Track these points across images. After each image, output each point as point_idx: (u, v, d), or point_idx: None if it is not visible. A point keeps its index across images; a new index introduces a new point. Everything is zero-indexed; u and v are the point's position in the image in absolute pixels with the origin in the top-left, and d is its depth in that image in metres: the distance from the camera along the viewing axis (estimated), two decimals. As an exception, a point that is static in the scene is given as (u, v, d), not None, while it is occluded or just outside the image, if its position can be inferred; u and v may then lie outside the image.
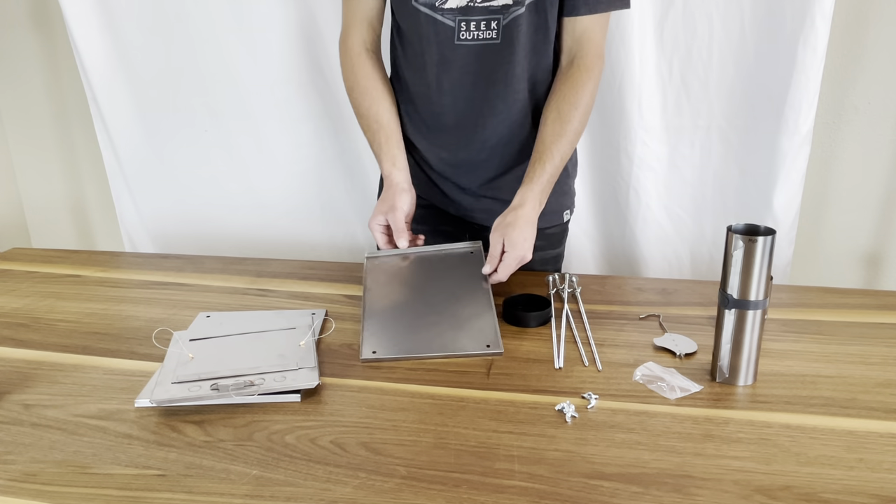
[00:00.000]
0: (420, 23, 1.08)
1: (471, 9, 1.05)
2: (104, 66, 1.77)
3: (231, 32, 1.69)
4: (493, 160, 1.19)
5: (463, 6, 1.05)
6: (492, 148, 1.18)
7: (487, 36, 1.07)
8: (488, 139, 1.17)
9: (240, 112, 1.76)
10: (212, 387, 0.82)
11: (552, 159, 1.07)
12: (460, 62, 1.10)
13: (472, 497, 0.65)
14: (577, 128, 1.09)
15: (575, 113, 1.08)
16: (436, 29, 1.08)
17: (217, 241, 1.90)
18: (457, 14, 1.06)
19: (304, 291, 1.14)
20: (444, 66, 1.11)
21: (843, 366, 0.88)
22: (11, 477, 0.68)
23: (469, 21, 1.06)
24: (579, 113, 1.08)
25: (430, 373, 0.87)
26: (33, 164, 2.18)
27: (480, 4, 1.05)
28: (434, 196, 1.26)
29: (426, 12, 1.07)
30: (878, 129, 1.61)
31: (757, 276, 0.79)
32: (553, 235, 1.27)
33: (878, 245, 1.70)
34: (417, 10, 1.07)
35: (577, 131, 1.09)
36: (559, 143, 1.07)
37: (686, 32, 1.50)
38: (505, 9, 1.05)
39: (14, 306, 1.10)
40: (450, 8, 1.06)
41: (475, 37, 1.07)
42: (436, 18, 1.07)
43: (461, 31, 1.07)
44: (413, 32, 1.12)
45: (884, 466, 0.68)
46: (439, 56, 1.10)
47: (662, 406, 0.79)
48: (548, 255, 1.27)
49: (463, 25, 1.06)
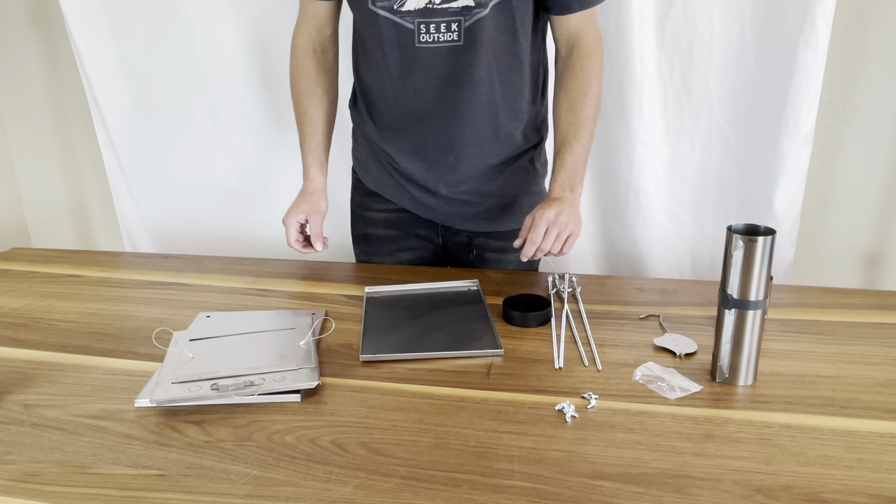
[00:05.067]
0: (379, 26, 1.07)
1: (430, 11, 1.04)
2: (104, 66, 1.77)
3: (231, 32, 1.69)
4: (461, 162, 1.17)
5: (421, 8, 1.04)
6: (459, 150, 1.16)
7: (449, 38, 1.06)
8: (455, 142, 1.15)
9: (240, 112, 1.76)
10: (212, 387, 0.82)
11: (572, 147, 1.09)
12: (422, 65, 1.09)
13: (472, 497, 0.65)
14: (592, 112, 1.11)
15: (585, 100, 1.10)
16: (396, 32, 1.06)
17: (217, 241, 1.91)
18: (416, 16, 1.05)
19: (304, 291, 1.14)
20: (406, 69, 1.10)
21: (843, 366, 0.88)
22: (11, 477, 0.68)
23: (429, 23, 1.05)
24: (590, 99, 1.10)
25: (430, 373, 0.87)
26: (33, 164, 2.18)
27: (440, 6, 1.03)
28: (404, 200, 1.25)
29: (384, 15, 1.05)
30: (879, 129, 1.61)
31: (757, 276, 0.79)
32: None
33: (879, 245, 1.70)
34: (375, 14, 1.06)
35: (592, 116, 1.11)
36: (577, 130, 1.09)
37: (687, 33, 1.50)
38: (466, 10, 1.03)
39: (14, 306, 1.10)
40: (408, 10, 1.04)
41: (436, 39, 1.06)
42: (395, 21, 1.06)
43: (421, 33, 1.06)
44: (372, 36, 1.10)
45: (884, 466, 0.68)
46: (401, 59, 1.09)
47: (662, 406, 0.79)
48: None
49: (423, 28, 1.05)
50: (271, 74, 1.70)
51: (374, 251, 1.30)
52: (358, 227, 1.33)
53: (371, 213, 1.29)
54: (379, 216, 1.28)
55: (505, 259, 1.25)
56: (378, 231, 1.29)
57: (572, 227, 1.05)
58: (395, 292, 1.11)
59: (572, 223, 1.05)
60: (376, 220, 1.29)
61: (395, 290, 1.11)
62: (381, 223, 1.29)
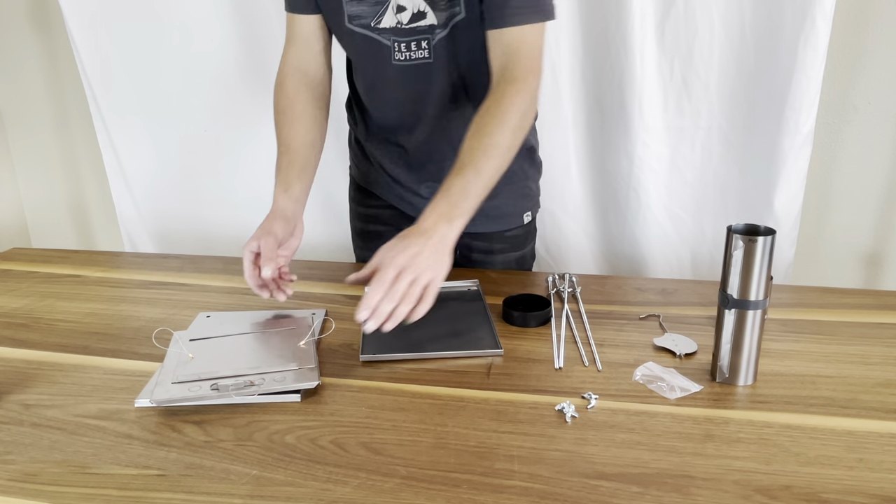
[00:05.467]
0: (357, 43, 1.08)
1: (399, 30, 1.04)
2: (104, 66, 1.77)
3: (231, 32, 1.69)
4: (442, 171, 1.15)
5: (393, 27, 1.04)
6: (439, 161, 1.17)
7: (420, 56, 1.06)
8: (434, 153, 1.17)
9: (239, 112, 1.76)
10: (212, 387, 0.82)
11: (464, 174, 0.93)
12: (398, 81, 1.09)
13: (472, 497, 0.65)
14: (502, 143, 0.95)
15: (498, 128, 0.95)
16: (373, 49, 1.07)
17: (217, 241, 1.91)
18: (391, 34, 1.05)
19: (304, 291, 1.14)
20: (385, 83, 1.11)
21: (843, 366, 0.87)
22: (11, 477, 0.68)
23: (401, 42, 1.05)
24: (505, 129, 0.95)
25: (430, 373, 0.87)
26: (33, 164, 2.18)
27: (408, 26, 1.04)
28: (392, 198, 1.27)
29: (361, 32, 1.06)
30: (879, 129, 1.61)
31: (757, 277, 0.79)
32: (515, 238, 1.26)
33: (879, 245, 1.70)
34: (353, 31, 1.06)
35: (503, 146, 0.96)
36: (477, 158, 0.94)
37: (687, 32, 1.50)
38: (431, 29, 1.04)
39: (14, 306, 1.10)
40: (384, 28, 1.05)
41: (408, 57, 1.06)
42: (372, 38, 1.06)
43: (395, 51, 1.06)
44: (352, 51, 1.12)
45: (884, 466, 0.68)
46: (380, 74, 1.10)
47: (662, 406, 0.79)
48: (510, 256, 1.26)
49: (396, 46, 1.05)
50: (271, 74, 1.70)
51: (368, 246, 1.31)
52: (354, 222, 1.36)
53: (365, 209, 1.32)
54: (372, 212, 1.30)
55: (492, 260, 1.25)
56: (371, 226, 1.31)
57: (431, 273, 0.85)
58: None
59: (433, 268, 0.86)
60: (370, 216, 1.31)
61: None
62: (374, 219, 1.31)
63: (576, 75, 1.61)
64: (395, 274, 0.84)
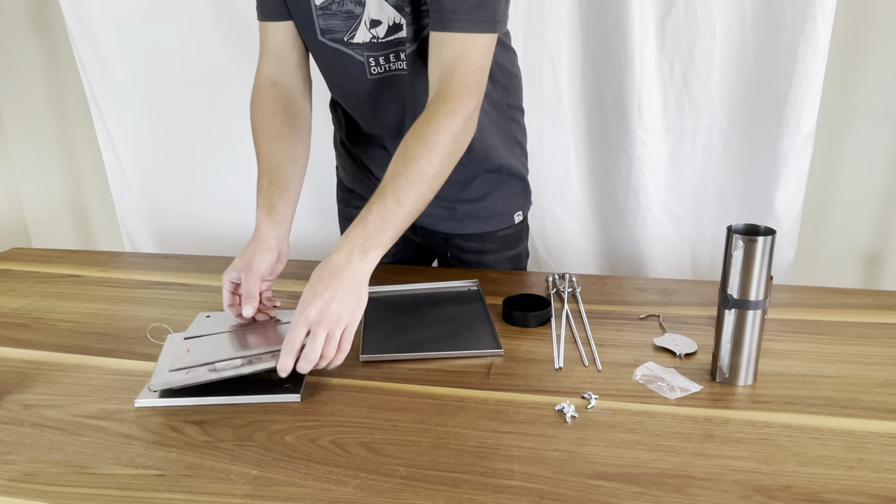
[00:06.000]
0: (330, 57, 1.05)
1: (374, 45, 1.01)
2: (104, 66, 1.77)
3: (231, 32, 1.69)
4: None
5: (367, 42, 1.01)
6: None
7: (398, 67, 1.03)
8: None
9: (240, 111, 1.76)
10: (209, 369, 0.82)
11: (384, 202, 0.87)
12: (378, 95, 1.07)
13: (472, 497, 0.65)
14: (428, 170, 0.89)
15: (425, 153, 0.89)
16: (348, 64, 1.04)
17: (217, 241, 1.91)
18: (364, 49, 1.02)
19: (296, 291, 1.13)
20: (360, 97, 1.08)
21: (843, 366, 0.87)
22: (11, 477, 0.68)
23: (377, 56, 1.02)
24: (433, 155, 0.89)
25: (430, 373, 0.87)
26: (33, 163, 2.18)
27: (382, 40, 1.01)
28: None
29: (335, 47, 1.03)
30: (879, 129, 1.61)
31: (757, 277, 0.79)
32: (507, 237, 1.25)
33: (879, 245, 1.70)
34: (325, 46, 1.03)
35: (428, 174, 0.89)
36: (400, 186, 0.88)
37: (687, 33, 1.50)
38: (406, 41, 1.01)
39: (14, 306, 1.10)
40: (358, 43, 1.01)
41: (386, 69, 1.04)
42: (345, 52, 1.03)
43: (371, 65, 1.03)
44: (326, 66, 1.08)
45: (884, 466, 0.68)
46: (355, 88, 1.07)
47: (662, 406, 0.79)
48: (503, 255, 1.26)
49: (372, 61, 1.03)
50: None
51: None
52: (342, 222, 1.35)
53: (352, 210, 1.30)
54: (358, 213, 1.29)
55: (483, 261, 1.25)
56: None
57: (345, 321, 0.81)
58: (395, 292, 1.11)
59: (346, 315, 0.81)
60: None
61: (395, 290, 1.11)
62: None
63: (576, 75, 1.61)
64: (304, 332, 0.80)
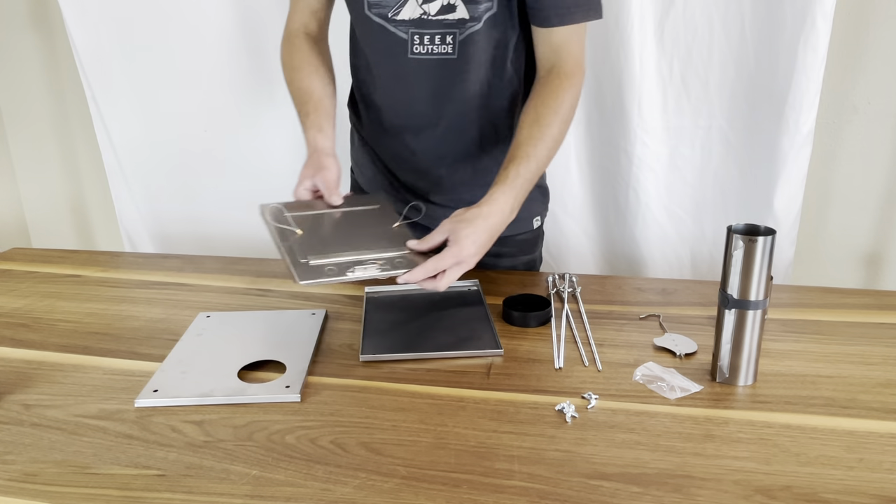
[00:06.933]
0: (373, 32, 1.05)
1: (424, 21, 1.01)
2: (104, 66, 1.77)
3: (231, 32, 1.69)
4: (453, 175, 1.16)
5: (416, 18, 1.01)
6: (448, 164, 1.15)
7: (443, 51, 1.02)
8: (445, 155, 1.14)
9: (239, 111, 1.76)
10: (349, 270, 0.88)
11: (527, 161, 0.97)
12: (414, 77, 1.06)
13: (472, 497, 0.65)
14: (556, 134, 1.00)
15: (554, 118, 0.99)
16: (388, 41, 1.03)
17: (217, 241, 1.91)
18: (409, 26, 1.01)
19: (304, 291, 1.14)
20: (396, 79, 1.08)
21: (843, 366, 0.88)
22: (11, 477, 0.68)
23: (423, 34, 1.01)
24: (559, 119, 1.00)
25: (430, 373, 0.87)
26: (33, 164, 2.18)
27: (434, 17, 1.00)
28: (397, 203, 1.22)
29: (378, 22, 1.02)
30: (879, 129, 1.61)
31: (757, 276, 0.79)
32: (524, 242, 1.25)
33: (879, 245, 1.70)
34: (370, 19, 1.03)
35: (556, 138, 1.00)
36: (536, 147, 0.98)
37: (686, 32, 1.50)
38: (461, 23, 1.00)
39: (14, 306, 1.10)
40: (402, 20, 1.01)
41: (430, 51, 1.03)
42: (388, 29, 1.02)
43: (414, 44, 1.02)
44: (366, 42, 1.08)
45: (884, 466, 0.68)
46: (392, 69, 1.07)
47: (662, 406, 0.79)
48: (518, 261, 1.25)
49: (416, 39, 1.02)
50: (272, 74, 1.70)
51: None
52: None
53: None
54: None
55: (499, 264, 1.24)
56: None
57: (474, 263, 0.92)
58: (395, 292, 1.11)
59: (477, 261, 0.92)
60: None
61: (396, 290, 1.11)
62: None
63: (576, 75, 1.61)
64: (453, 263, 0.89)
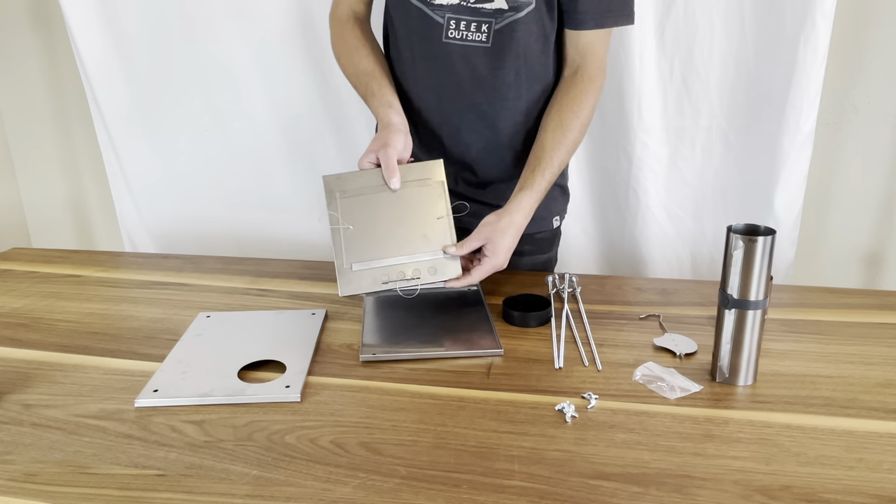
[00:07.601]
0: (410, 15, 1.06)
1: (462, 8, 1.03)
2: (104, 66, 1.77)
3: (232, 32, 1.69)
4: (480, 165, 1.16)
5: (454, 4, 1.03)
6: (478, 154, 1.15)
7: (477, 39, 1.04)
8: (473, 144, 1.14)
9: (240, 111, 1.76)
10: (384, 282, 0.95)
11: (551, 167, 1.04)
12: (446, 62, 1.07)
13: (472, 497, 0.65)
14: (577, 138, 1.07)
15: (576, 122, 1.06)
16: (424, 24, 1.05)
17: (217, 241, 1.90)
18: (447, 11, 1.03)
19: (304, 291, 1.14)
20: (430, 63, 1.09)
21: (843, 366, 0.88)
22: (11, 477, 0.68)
23: (459, 20, 1.03)
24: (580, 123, 1.06)
25: (430, 373, 0.87)
26: (33, 164, 2.18)
27: (472, 5, 1.02)
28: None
29: (416, 5, 1.04)
30: (879, 129, 1.61)
31: (757, 276, 0.79)
32: (543, 241, 1.25)
33: (879, 245, 1.70)
34: (409, 2, 1.05)
35: (576, 141, 1.07)
36: (559, 152, 1.04)
37: (687, 32, 1.50)
38: (499, 13, 1.02)
39: (14, 306, 1.10)
40: (441, 4, 1.03)
41: (464, 37, 1.05)
42: (425, 12, 1.04)
43: (450, 29, 1.04)
44: (402, 24, 1.09)
45: (884, 466, 0.68)
46: (426, 53, 1.08)
47: (662, 406, 0.79)
48: (537, 259, 1.25)
49: (452, 24, 1.04)
50: (272, 74, 1.70)
51: None
52: None
53: None
54: None
55: (517, 262, 1.23)
56: None
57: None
58: (395, 292, 1.11)
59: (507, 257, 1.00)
60: None
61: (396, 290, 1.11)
62: None
63: (576, 75, 1.61)
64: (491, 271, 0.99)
